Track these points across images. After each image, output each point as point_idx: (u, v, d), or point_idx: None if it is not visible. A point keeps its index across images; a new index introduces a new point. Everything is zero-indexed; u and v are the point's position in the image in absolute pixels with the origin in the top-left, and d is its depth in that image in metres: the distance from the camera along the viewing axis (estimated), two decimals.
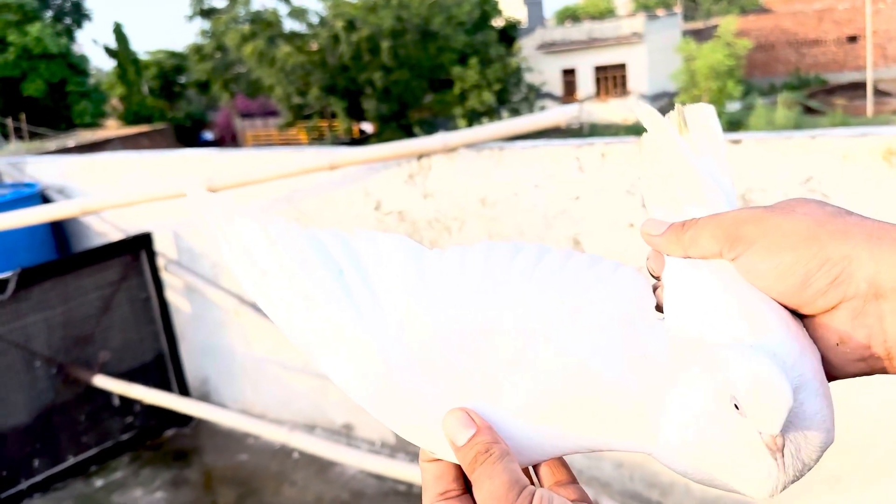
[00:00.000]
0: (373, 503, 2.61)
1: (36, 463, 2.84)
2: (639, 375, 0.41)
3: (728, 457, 0.39)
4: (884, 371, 0.41)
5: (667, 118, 0.53)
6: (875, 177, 1.67)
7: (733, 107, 21.64)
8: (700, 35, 25.08)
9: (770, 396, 0.36)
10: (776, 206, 0.43)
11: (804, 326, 0.42)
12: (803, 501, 2.02)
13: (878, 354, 0.41)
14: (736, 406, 0.37)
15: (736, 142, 1.82)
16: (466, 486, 0.44)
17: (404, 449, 2.85)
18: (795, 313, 0.42)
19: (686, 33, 26.09)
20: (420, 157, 2.40)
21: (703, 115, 0.53)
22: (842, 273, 0.39)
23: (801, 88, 25.17)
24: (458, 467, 0.44)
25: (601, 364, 0.42)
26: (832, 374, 0.42)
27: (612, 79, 26.22)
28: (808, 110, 21.72)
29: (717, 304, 0.42)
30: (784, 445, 0.37)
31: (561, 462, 0.46)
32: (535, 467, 0.47)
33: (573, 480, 0.47)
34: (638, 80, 25.43)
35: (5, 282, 2.69)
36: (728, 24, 21.17)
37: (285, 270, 0.47)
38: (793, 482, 0.39)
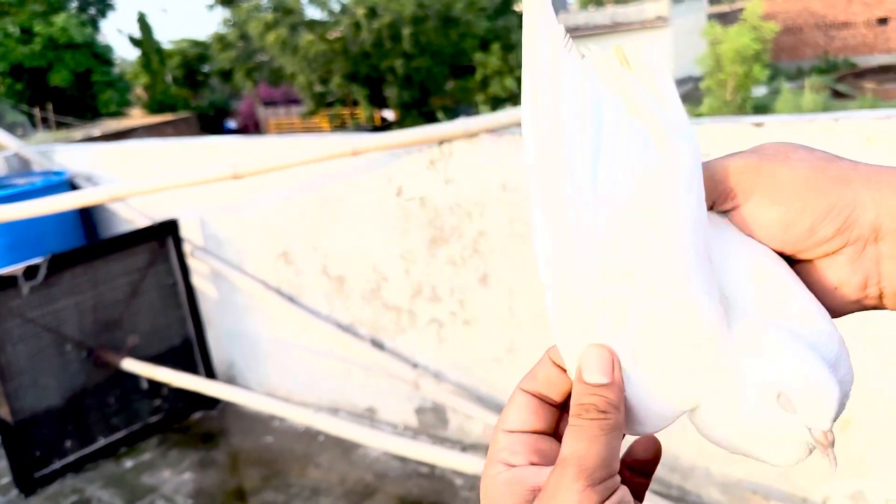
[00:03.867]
0: (396, 484, 2.64)
1: (68, 444, 2.91)
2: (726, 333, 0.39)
3: (766, 438, 0.39)
4: (874, 308, 0.42)
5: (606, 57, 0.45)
6: None
7: (760, 91, 21.30)
8: (726, 18, 24.69)
9: (823, 399, 0.37)
10: (767, 153, 0.42)
11: (798, 272, 0.42)
12: (830, 486, 2.02)
13: (872, 295, 0.41)
14: (780, 400, 0.38)
15: (759, 125, 1.81)
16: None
17: (426, 431, 2.88)
18: (789, 259, 0.42)
19: (712, 17, 25.70)
20: (441, 142, 2.41)
21: (646, 58, 0.46)
22: (848, 219, 0.39)
23: (829, 72, 24.71)
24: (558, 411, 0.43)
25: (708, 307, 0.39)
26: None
27: None
28: (837, 94, 21.32)
29: (728, 261, 0.41)
30: (834, 440, 0.38)
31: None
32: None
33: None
34: (662, 64, 25.09)
35: (36, 267, 2.75)
36: (754, 6, 20.79)
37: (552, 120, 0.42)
38: None
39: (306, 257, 2.94)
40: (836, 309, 0.42)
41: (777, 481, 2.09)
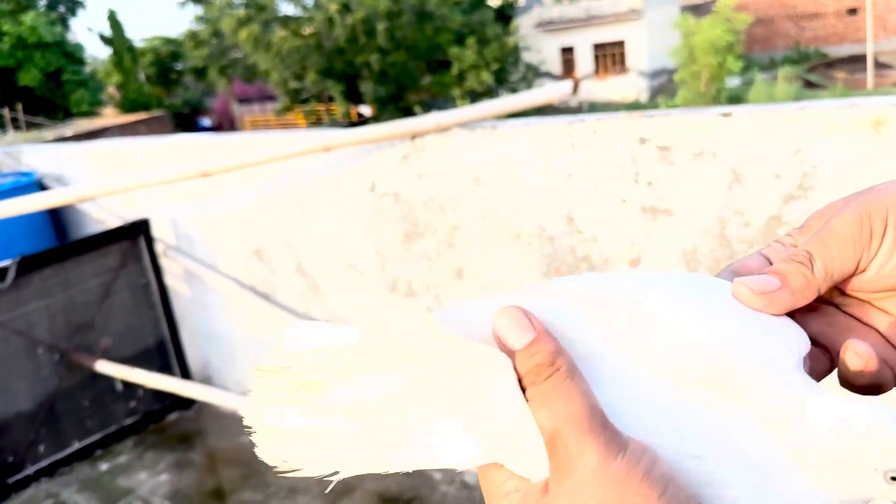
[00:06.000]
0: (374, 481, 2.64)
1: (41, 448, 2.87)
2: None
3: None
4: None
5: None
6: (864, 147, 1.68)
7: (733, 82, 21.52)
8: (699, 10, 24.89)
9: None
10: (855, 197, 0.41)
11: None
12: None
13: None
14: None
15: (726, 115, 1.83)
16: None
17: None
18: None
19: (685, 9, 25.90)
20: (413, 137, 2.40)
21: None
22: None
23: (801, 62, 25.02)
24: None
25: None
26: None
27: (610, 56, 26.06)
28: (809, 84, 21.60)
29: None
30: None
31: None
32: None
33: None
34: (637, 57, 25.29)
35: (5, 270, 2.71)
36: None
37: None
38: None
39: (280, 255, 2.92)
40: None
41: None
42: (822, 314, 0.42)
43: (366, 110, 22.51)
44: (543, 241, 2.24)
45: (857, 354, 0.38)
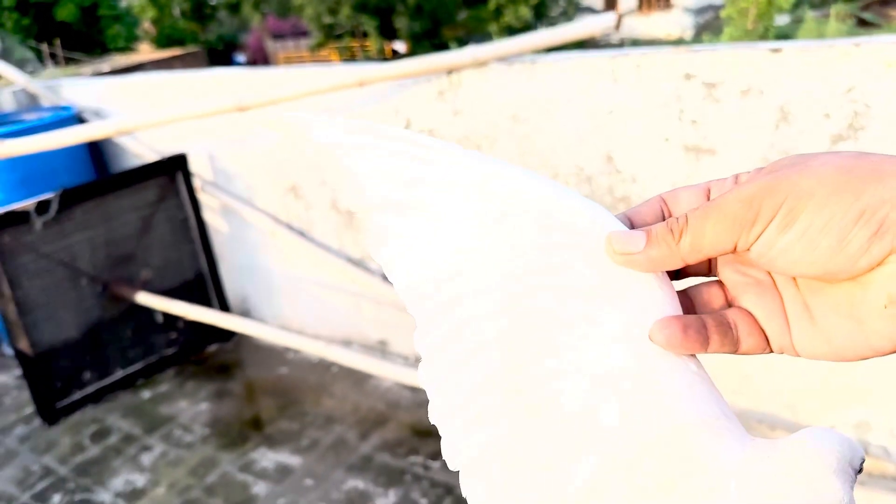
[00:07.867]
0: (407, 412, 2.70)
1: (87, 375, 2.98)
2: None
3: None
4: None
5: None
6: None
7: (782, 20, 20.65)
8: None
9: None
10: (782, 167, 0.37)
11: (833, 296, 0.37)
12: (836, 415, 2.04)
13: None
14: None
15: (776, 51, 1.75)
16: None
17: None
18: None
19: None
20: (450, 72, 2.36)
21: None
22: (885, 220, 0.33)
23: None
24: None
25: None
26: (878, 347, 0.36)
27: None
28: (863, 23, 20.62)
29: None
30: None
31: None
32: None
33: None
34: None
35: (48, 202, 2.76)
36: None
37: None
38: None
39: (315, 192, 2.93)
40: (891, 335, 0.35)
41: (783, 411, 2.11)
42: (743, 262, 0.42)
43: (400, 47, 22.15)
44: (581, 181, 2.20)
45: (658, 332, 0.39)
